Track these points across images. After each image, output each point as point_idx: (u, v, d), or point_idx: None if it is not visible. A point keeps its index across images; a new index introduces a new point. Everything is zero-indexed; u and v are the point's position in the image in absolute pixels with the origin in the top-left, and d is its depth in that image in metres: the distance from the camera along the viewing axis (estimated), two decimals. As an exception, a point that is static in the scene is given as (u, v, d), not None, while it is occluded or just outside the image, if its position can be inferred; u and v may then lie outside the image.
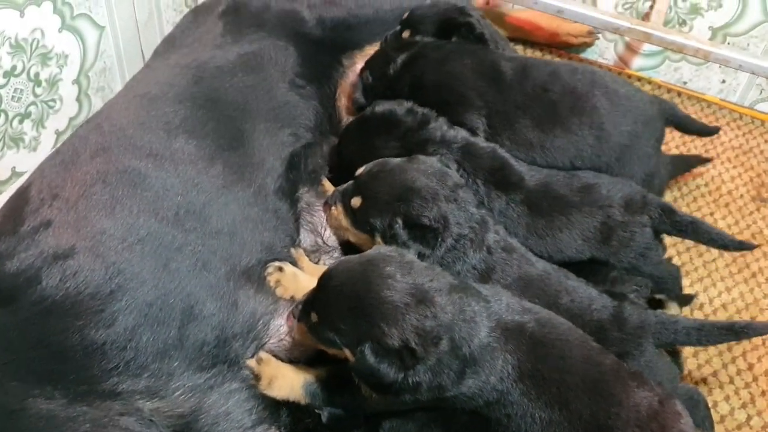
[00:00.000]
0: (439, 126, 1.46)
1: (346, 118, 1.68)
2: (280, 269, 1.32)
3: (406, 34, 1.67)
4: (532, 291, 1.27)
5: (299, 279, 1.31)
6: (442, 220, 1.27)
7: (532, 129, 1.48)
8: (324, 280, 1.16)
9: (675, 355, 1.44)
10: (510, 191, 1.41)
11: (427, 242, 1.27)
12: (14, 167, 1.67)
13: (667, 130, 1.67)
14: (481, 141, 1.47)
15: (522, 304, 1.18)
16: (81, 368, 1.12)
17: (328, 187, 1.51)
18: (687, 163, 1.81)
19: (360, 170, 1.37)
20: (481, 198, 1.41)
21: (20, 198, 1.31)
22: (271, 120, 1.50)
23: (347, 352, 1.12)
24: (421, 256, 1.24)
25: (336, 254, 1.45)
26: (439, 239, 1.27)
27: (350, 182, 1.37)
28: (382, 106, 1.50)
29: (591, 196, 1.41)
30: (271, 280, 1.31)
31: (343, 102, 1.68)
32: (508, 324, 1.13)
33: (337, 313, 1.12)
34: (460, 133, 1.47)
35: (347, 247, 1.42)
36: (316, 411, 1.25)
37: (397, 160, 1.35)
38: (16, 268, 1.18)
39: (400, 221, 1.27)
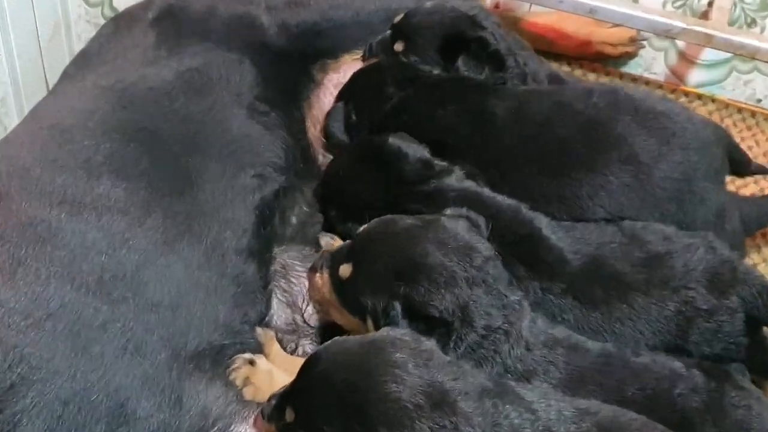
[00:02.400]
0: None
1: (323, 155, 1.70)
2: (251, 362, 1.30)
3: (398, 46, 1.70)
4: (587, 389, 1.25)
5: (276, 377, 1.29)
6: (459, 312, 1.23)
7: (539, 176, 1.51)
8: (309, 364, 1.15)
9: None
10: (545, 278, 1.39)
11: (437, 339, 1.21)
12: None
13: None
14: (499, 197, 1.48)
15: (576, 406, 1.16)
16: (-29, 491, 1.08)
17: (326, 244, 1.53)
18: None
19: (361, 228, 1.38)
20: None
21: None
22: (227, 157, 1.51)
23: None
24: None
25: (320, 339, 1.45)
26: (455, 336, 1.23)
27: (345, 243, 1.38)
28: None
29: (660, 272, 1.38)
30: (238, 376, 1.30)
31: (313, 132, 1.71)
32: None
33: (321, 410, 1.10)
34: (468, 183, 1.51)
35: (333, 332, 1.38)
36: None
37: (410, 220, 1.34)
38: None
39: (398, 307, 1.23)
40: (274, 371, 1.31)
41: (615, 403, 1.21)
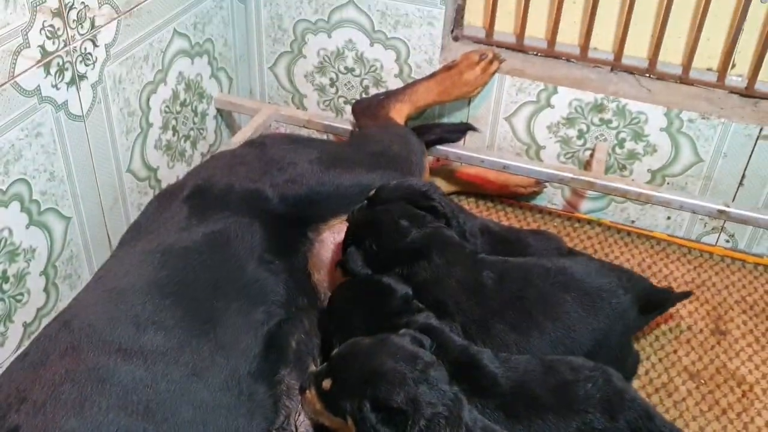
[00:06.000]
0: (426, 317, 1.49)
1: (325, 292, 1.68)
2: None
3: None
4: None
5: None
6: (411, 403, 1.24)
7: (509, 332, 1.51)
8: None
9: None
10: (482, 397, 1.37)
11: (396, 425, 1.24)
12: (-20, 365, 1.60)
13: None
14: (454, 336, 1.47)
15: None
16: None
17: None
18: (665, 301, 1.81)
19: (333, 352, 1.37)
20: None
21: (-12, 403, 1.25)
22: (243, 298, 1.49)
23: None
24: None
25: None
26: (410, 422, 1.23)
27: (324, 364, 1.37)
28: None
29: (567, 396, 1.36)
30: None
31: (316, 276, 1.70)
32: None
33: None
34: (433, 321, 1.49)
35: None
36: None
37: (368, 341, 1.34)
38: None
39: (368, 405, 1.25)
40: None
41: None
